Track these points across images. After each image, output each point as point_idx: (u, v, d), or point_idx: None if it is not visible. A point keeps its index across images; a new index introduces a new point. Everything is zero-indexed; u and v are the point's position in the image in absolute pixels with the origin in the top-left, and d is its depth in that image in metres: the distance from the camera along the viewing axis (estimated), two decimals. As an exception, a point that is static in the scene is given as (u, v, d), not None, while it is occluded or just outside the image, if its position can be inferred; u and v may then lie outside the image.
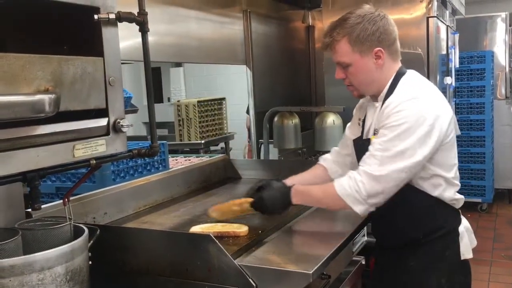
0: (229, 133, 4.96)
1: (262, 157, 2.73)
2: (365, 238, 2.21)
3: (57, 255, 1.07)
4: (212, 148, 4.85)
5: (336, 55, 1.51)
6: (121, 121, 1.12)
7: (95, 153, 1.07)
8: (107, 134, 1.10)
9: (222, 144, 5.25)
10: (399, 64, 1.61)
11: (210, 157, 2.86)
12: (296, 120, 2.68)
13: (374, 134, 1.50)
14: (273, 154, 2.79)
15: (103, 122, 1.08)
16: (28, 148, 0.94)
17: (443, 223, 1.54)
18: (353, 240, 2.05)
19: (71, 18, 1.06)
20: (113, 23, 1.10)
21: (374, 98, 1.56)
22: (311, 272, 1.12)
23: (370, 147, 1.44)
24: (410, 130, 1.39)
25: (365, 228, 2.17)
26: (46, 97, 0.91)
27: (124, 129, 1.12)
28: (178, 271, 1.22)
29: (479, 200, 5.17)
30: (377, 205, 1.44)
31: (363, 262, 2.20)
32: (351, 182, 1.41)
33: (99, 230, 1.22)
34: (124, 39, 1.20)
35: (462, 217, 1.61)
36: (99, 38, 1.08)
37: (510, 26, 5.81)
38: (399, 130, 1.39)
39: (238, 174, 2.38)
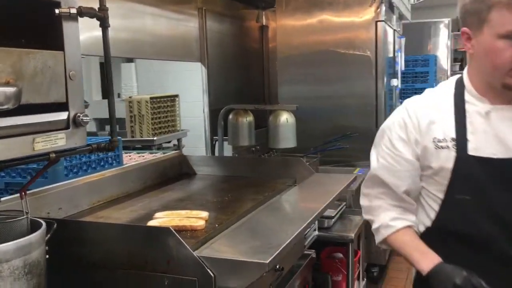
0: (182, 130, 4.96)
1: (216, 153, 2.77)
2: (316, 232, 2.30)
3: (15, 248, 1.06)
4: (164, 145, 4.83)
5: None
6: (81, 115, 1.13)
7: (54, 146, 1.07)
8: (67, 128, 1.11)
9: (174, 141, 5.25)
10: None
11: (164, 153, 2.86)
12: (250, 118, 2.74)
13: None
14: (227, 151, 2.84)
15: (63, 115, 1.08)
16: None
17: None
18: (305, 234, 2.14)
19: (29, 11, 1.06)
20: (73, 17, 1.10)
21: (499, 100, 1.25)
22: (267, 262, 1.17)
23: None
24: None
25: (316, 222, 2.27)
26: (7, 90, 0.91)
27: (84, 123, 1.13)
28: (137, 264, 1.24)
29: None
30: None
31: (314, 256, 2.29)
32: None
33: (56, 224, 1.22)
34: (80, 33, 1.21)
35: None
36: (59, 32, 1.08)
37: (452, 31, 6.13)
38: None
39: (193, 170, 2.40)
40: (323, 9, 3.42)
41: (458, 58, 7.27)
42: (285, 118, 2.67)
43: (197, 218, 1.55)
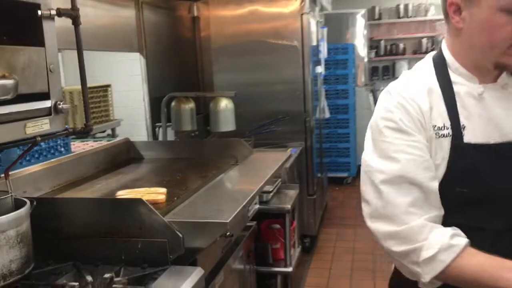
0: (115, 119, 5.03)
1: (160, 139, 2.94)
2: (257, 206, 2.56)
3: (10, 221, 1.22)
4: (99, 135, 4.87)
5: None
6: (61, 103, 1.29)
7: (41, 130, 1.23)
8: (49, 114, 1.27)
9: (108, 131, 5.29)
10: None
11: (108, 141, 2.99)
12: (191, 105, 2.94)
13: None
14: (170, 136, 3.02)
15: (47, 104, 1.24)
16: (-13, 126, 1.09)
17: None
18: (248, 207, 2.39)
19: (14, 12, 1.20)
20: (52, 18, 1.26)
21: (490, 78, 1.13)
22: (228, 221, 1.41)
23: None
24: None
25: (257, 197, 2.54)
26: (7, 82, 1.06)
27: (64, 110, 1.29)
28: (113, 232, 1.42)
29: (345, 174, 5.90)
30: None
31: (255, 227, 2.56)
32: None
33: (35, 202, 1.38)
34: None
35: None
36: (40, 30, 1.23)
37: (368, 21, 6.64)
38: None
39: (141, 155, 2.57)
40: (253, 1, 3.67)
41: (374, 46, 7.86)
42: (225, 104, 2.91)
43: (156, 193, 1.75)
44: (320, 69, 4.10)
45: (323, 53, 4.34)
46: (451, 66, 1.13)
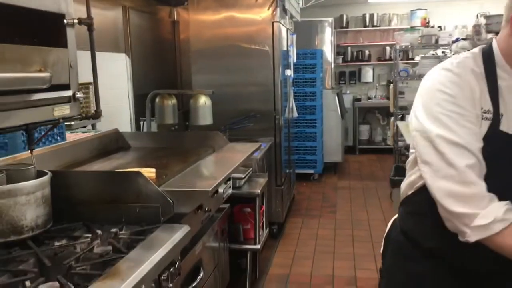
0: (85, 114, 5.28)
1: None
2: (230, 190, 2.91)
3: (37, 185, 1.55)
4: (80, 130, 5.12)
5: None
6: (77, 93, 1.63)
7: (64, 114, 1.57)
8: (69, 101, 1.60)
9: (89, 126, 5.55)
10: None
11: (96, 131, 3.30)
12: (174, 101, 3.28)
13: None
14: (153, 129, 3.35)
15: (69, 93, 1.58)
16: (27, 108, 1.42)
17: None
18: (222, 191, 2.74)
19: (43, 20, 1.53)
20: (73, 25, 1.59)
21: None
22: (210, 189, 1.77)
23: None
24: None
25: (231, 181, 2.89)
26: (45, 75, 1.40)
27: (79, 99, 1.63)
28: (115, 199, 1.75)
29: (312, 171, 6.30)
30: None
31: (229, 209, 2.91)
32: None
33: (51, 173, 1.70)
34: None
35: None
36: (64, 35, 1.57)
37: (335, 29, 7.09)
38: None
39: (128, 144, 2.90)
40: (229, 8, 4.04)
41: (341, 52, 8.34)
42: (204, 100, 3.26)
43: (148, 172, 2.09)
44: (289, 72, 4.48)
45: (292, 57, 4.74)
46: (498, 62, 1.22)
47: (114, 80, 3.95)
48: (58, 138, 2.84)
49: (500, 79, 1.22)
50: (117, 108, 4.62)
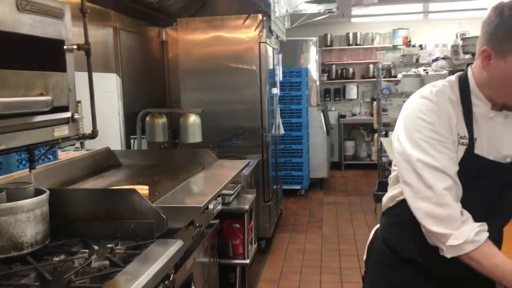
0: (82, 134, 5.33)
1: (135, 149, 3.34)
2: (220, 206, 2.99)
3: (36, 202, 1.62)
4: (68, 148, 5.17)
5: None
6: (76, 114, 1.71)
7: (63, 134, 1.64)
8: (68, 122, 1.68)
9: (77, 144, 5.59)
10: None
11: (87, 150, 3.36)
12: (164, 119, 3.37)
13: None
14: (143, 147, 3.42)
15: (68, 114, 1.66)
16: (29, 130, 1.49)
17: None
18: (212, 207, 2.82)
19: (45, 46, 1.62)
20: (71, 50, 1.68)
21: (500, 107, 1.34)
22: (201, 205, 1.85)
23: None
24: None
25: (220, 198, 2.97)
26: (47, 99, 1.48)
27: (77, 119, 1.71)
28: (110, 215, 1.82)
29: (298, 187, 6.40)
30: None
31: (218, 225, 2.98)
32: None
33: (49, 191, 1.77)
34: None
35: None
36: (64, 60, 1.66)
37: (319, 47, 7.26)
38: None
39: (119, 162, 2.96)
40: (217, 29, 4.16)
41: (326, 70, 8.52)
42: (193, 119, 3.36)
43: (141, 189, 2.16)
44: (275, 90, 4.60)
45: (279, 76, 4.87)
46: (472, 90, 1.33)
47: (105, 99, 4.04)
48: (51, 157, 2.90)
49: (474, 106, 1.32)
50: (107, 127, 4.67)
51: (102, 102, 4.61)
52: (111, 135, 3.80)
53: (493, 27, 1.22)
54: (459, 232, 1.22)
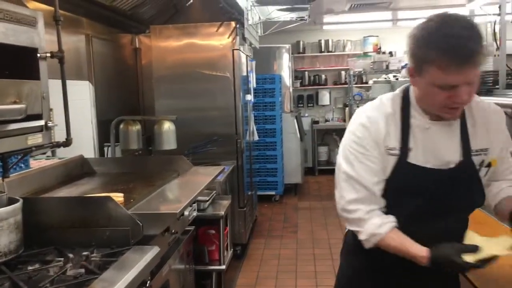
0: (56, 142, 5.26)
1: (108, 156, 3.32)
2: (195, 213, 3.00)
3: (10, 211, 1.60)
4: (39, 156, 5.08)
5: (476, 72, 1.30)
6: (49, 122, 1.70)
7: (36, 142, 1.64)
8: (42, 130, 1.68)
9: (48, 153, 5.50)
10: None
11: (59, 158, 3.32)
12: (138, 127, 3.36)
13: (480, 153, 1.46)
14: (117, 154, 3.40)
15: (41, 122, 1.65)
16: (2, 138, 1.49)
17: None
18: (188, 214, 2.82)
19: (17, 54, 1.62)
20: (45, 58, 1.68)
21: (437, 117, 1.43)
22: (177, 212, 1.86)
23: None
24: None
25: (196, 204, 2.98)
26: (20, 107, 1.48)
27: (51, 127, 1.71)
28: (85, 223, 1.82)
29: (273, 193, 6.43)
30: None
31: (194, 231, 2.98)
32: None
33: (22, 200, 1.75)
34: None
35: None
36: (37, 68, 1.65)
37: (292, 54, 7.35)
38: None
39: (93, 170, 2.94)
40: (191, 36, 4.18)
41: (299, 76, 8.62)
42: (168, 126, 3.36)
43: (116, 197, 2.15)
44: (249, 97, 4.64)
45: (252, 83, 4.91)
46: (412, 103, 1.46)
47: (77, 107, 4.00)
48: (22, 165, 2.86)
49: (413, 118, 1.45)
50: (80, 134, 4.62)
51: (75, 110, 4.56)
52: (84, 143, 3.76)
53: (410, 47, 1.34)
54: (365, 229, 1.45)
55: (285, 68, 6.96)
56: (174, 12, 4.52)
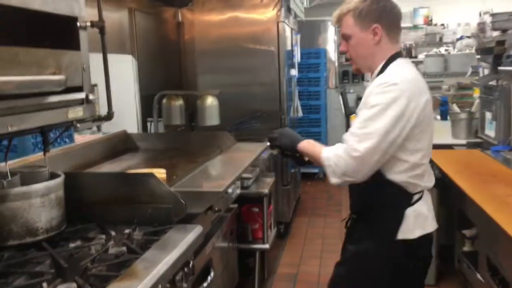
0: (100, 115, 5.31)
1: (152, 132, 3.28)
2: (238, 190, 2.92)
3: (51, 186, 1.56)
4: (85, 131, 5.14)
5: (341, 28, 1.66)
6: (90, 95, 1.64)
7: (77, 116, 1.58)
8: (83, 103, 1.61)
9: (94, 128, 5.57)
10: (397, 50, 1.69)
11: (103, 133, 3.31)
12: (181, 102, 3.29)
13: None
14: (160, 130, 3.35)
15: (82, 95, 1.59)
16: (42, 111, 1.43)
17: (386, 202, 1.62)
18: (232, 189, 2.74)
19: (56, 23, 1.54)
20: (85, 27, 1.60)
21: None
22: (221, 190, 1.77)
23: (352, 125, 1.59)
24: (382, 113, 1.50)
25: (239, 182, 2.89)
26: (60, 78, 1.41)
27: (92, 101, 1.64)
28: (128, 199, 1.76)
29: (317, 171, 6.31)
30: (352, 182, 1.61)
31: (237, 209, 2.91)
32: (334, 155, 1.56)
33: (64, 175, 1.71)
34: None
35: (420, 201, 1.62)
36: (77, 37, 1.58)
37: (338, 28, 7.08)
38: (373, 111, 1.52)
39: (136, 145, 2.91)
40: (234, 9, 4.05)
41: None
42: (211, 101, 3.27)
43: (158, 173, 2.09)
44: (294, 72, 4.49)
45: (297, 57, 4.74)
46: None
47: (121, 81, 3.98)
48: (67, 140, 2.85)
49: None
50: (123, 109, 4.63)
51: (118, 84, 4.55)
52: (127, 118, 3.74)
53: None
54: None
55: (330, 42, 6.72)
56: (218, -16, 4.38)
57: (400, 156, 1.56)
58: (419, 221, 1.62)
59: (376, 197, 1.64)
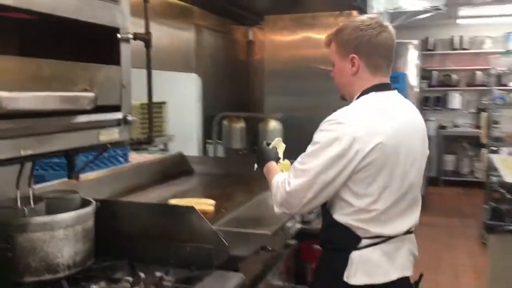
0: (168, 135, 5.26)
1: (210, 155, 3.09)
2: (299, 225, 2.64)
3: (77, 217, 1.38)
4: (152, 148, 5.11)
5: (332, 55, 1.63)
6: (129, 115, 1.45)
7: (111, 138, 1.39)
8: (119, 124, 1.42)
9: (161, 145, 5.54)
10: (380, 81, 1.54)
11: (162, 153, 3.17)
12: (242, 124, 3.09)
13: None
14: (219, 153, 3.16)
15: (118, 115, 1.40)
16: (67, 132, 1.25)
17: (334, 242, 1.54)
18: (290, 226, 2.47)
19: (93, 34, 1.37)
20: (127, 40, 1.43)
21: None
22: (270, 233, 1.51)
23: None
24: (321, 151, 1.42)
25: (299, 216, 2.61)
26: (89, 95, 1.23)
27: (131, 122, 1.45)
28: (165, 235, 1.55)
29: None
30: (289, 214, 1.59)
31: (296, 245, 2.63)
32: (277, 184, 1.52)
33: (99, 203, 1.53)
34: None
35: (373, 247, 1.48)
36: (117, 51, 1.40)
37: (420, 51, 6.63)
38: (314, 148, 1.46)
39: (192, 169, 2.72)
40: (306, 29, 3.81)
41: (426, 76, 7.81)
42: (274, 125, 3.04)
43: (206, 204, 1.88)
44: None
45: (373, 81, 4.39)
46: None
47: (184, 100, 3.87)
48: (121, 159, 2.73)
49: None
50: (187, 129, 4.52)
51: (180, 103, 4.46)
52: (190, 138, 3.61)
53: None
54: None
55: (411, 66, 6.30)
56: (291, 2, 4.18)
57: (346, 198, 1.46)
58: (365, 268, 1.46)
59: (327, 235, 1.58)
